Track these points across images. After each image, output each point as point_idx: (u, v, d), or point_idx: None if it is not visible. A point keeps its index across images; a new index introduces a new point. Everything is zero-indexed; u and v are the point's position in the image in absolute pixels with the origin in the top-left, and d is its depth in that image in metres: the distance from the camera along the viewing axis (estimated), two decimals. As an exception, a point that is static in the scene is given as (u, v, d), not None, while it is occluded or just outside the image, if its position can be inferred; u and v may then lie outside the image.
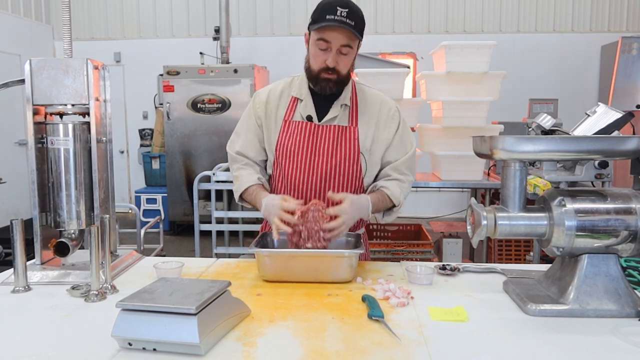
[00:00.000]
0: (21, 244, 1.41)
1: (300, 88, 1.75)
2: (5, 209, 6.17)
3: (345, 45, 1.60)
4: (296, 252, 1.51)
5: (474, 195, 4.28)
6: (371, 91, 1.80)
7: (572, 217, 1.24)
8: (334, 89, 1.68)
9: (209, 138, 6.06)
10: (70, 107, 1.56)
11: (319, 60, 1.64)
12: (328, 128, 1.72)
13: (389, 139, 1.75)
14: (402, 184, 1.75)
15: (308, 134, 1.72)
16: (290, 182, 1.74)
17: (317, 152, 1.71)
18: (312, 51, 1.65)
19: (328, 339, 1.11)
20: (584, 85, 6.85)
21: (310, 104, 1.73)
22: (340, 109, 1.72)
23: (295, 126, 1.73)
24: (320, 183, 1.72)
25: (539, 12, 6.91)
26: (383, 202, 1.71)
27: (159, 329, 1.03)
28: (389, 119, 1.76)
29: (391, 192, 1.71)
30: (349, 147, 1.71)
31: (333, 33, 1.57)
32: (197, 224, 3.75)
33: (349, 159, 1.71)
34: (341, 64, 1.64)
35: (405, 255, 3.81)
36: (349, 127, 1.72)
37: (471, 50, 3.83)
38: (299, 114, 1.74)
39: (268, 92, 1.80)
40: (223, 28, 6.30)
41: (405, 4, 7.02)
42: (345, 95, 1.73)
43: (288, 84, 1.79)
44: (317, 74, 1.66)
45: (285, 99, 1.77)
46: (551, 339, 1.12)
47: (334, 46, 1.60)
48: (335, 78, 1.65)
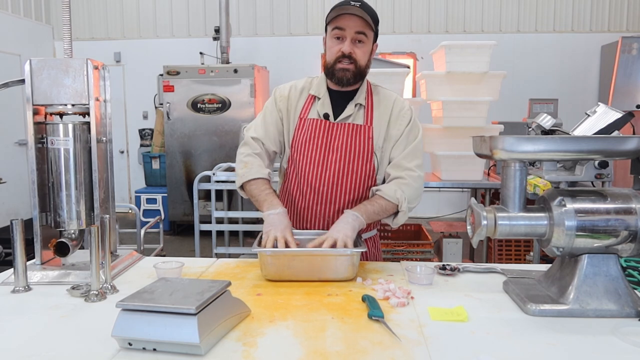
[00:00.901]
0: (21, 244, 1.41)
1: (319, 87, 1.78)
2: (5, 209, 6.16)
3: (360, 32, 1.64)
4: (298, 252, 1.52)
5: (474, 195, 4.28)
6: (385, 91, 1.82)
7: (572, 217, 1.24)
8: (351, 80, 1.70)
9: (209, 138, 6.06)
10: (70, 107, 1.56)
11: (334, 49, 1.68)
12: (343, 126, 1.73)
13: (398, 135, 1.75)
14: (401, 181, 1.70)
15: (323, 132, 1.73)
16: (303, 178, 1.75)
17: (331, 150, 1.72)
18: (328, 44, 1.70)
19: (328, 339, 1.11)
20: (584, 85, 6.85)
21: (328, 102, 1.75)
22: (355, 108, 1.74)
23: (310, 123, 1.75)
24: (333, 180, 1.73)
25: (539, 12, 6.91)
26: (377, 205, 1.67)
27: (159, 329, 1.03)
28: (400, 117, 1.76)
29: (384, 192, 1.68)
30: (363, 145, 1.72)
31: (346, 21, 1.63)
32: (197, 224, 3.75)
33: (362, 157, 1.72)
34: (358, 53, 1.67)
35: (405, 255, 3.81)
36: (364, 126, 1.73)
37: (471, 50, 3.83)
38: (316, 112, 1.76)
39: (290, 87, 1.82)
40: (223, 28, 6.30)
41: (405, 4, 7.02)
42: (360, 95, 1.75)
43: (308, 82, 1.82)
44: (333, 64, 1.68)
45: (305, 96, 1.80)
46: (551, 339, 1.12)
47: (348, 34, 1.64)
48: (352, 68, 1.67)
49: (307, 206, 1.77)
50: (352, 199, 1.74)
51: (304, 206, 1.77)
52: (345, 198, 1.74)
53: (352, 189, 1.73)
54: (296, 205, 1.78)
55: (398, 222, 1.73)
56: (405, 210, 1.69)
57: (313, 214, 1.77)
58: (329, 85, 1.77)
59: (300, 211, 1.78)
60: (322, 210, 1.75)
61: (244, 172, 1.74)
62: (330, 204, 1.74)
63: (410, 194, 1.70)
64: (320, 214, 1.76)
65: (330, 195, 1.73)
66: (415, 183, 1.72)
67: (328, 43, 1.70)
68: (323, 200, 1.75)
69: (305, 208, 1.77)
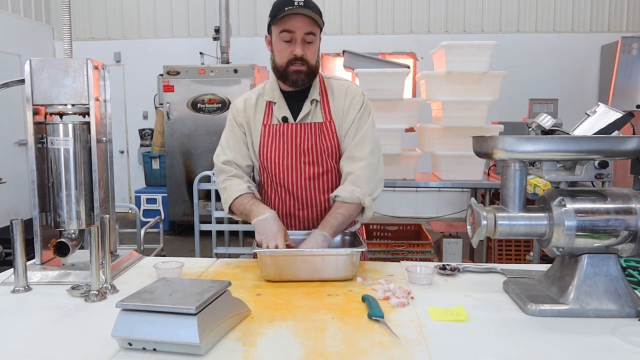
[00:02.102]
0: (21, 244, 1.41)
1: (272, 91, 1.75)
2: (5, 209, 6.16)
3: (309, 33, 1.61)
4: (298, 252, 1.52)
5: (474, 195, 4.28)
6: (338, 82, 1.79)
7: (572, 217, 1.24)
8: (305, 81, 1.68)
9: (209, 138, 6.06)
10: (70, 107, 1.56)
11: (285, 53, 1.64)
12: (304, 126, 1.71)
13: (349, 123, 1.72)
14: (354, 177, 1.66)
15: (288, 136, 1.71)
16: (279, 185, 1.74)
17: (300, 152, 1.71)
18: (277, 47, 1.66)
19: (328, 339, 1.11)
20: (584, 85, 6.85)
21: (284, 104, 1.73)
22: (312, 105, 1.72)
23: (274, 129, 1.72)
24: (310, 182, 1.72)
25: (539, 12, 6.91)
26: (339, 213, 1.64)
27: (159, 329, 1.03)
28: (353, 105, 1.73)
29: (342, 197, 1.65)
30: (329, 142, 1.71)
31: (295, 22, 1.59)
32: (197, 224, 3.75)
33: (331, 154, 1.71)
34: (308, 54, 1.64)
35: (405, 255, 3.81)
36: (325, 122, 1.72)
37: (471, 50, 3.83)
38: (276, 117, 1.73)
39: (244, 100, 1.79)
40: (223, 28, 6.30)
41: (405, 4, 7.02)
42: (314, 91, 1.73)
43: (261, 89, 1.79)
44: (285, 68, 1.65)
45: (261, 104, 1.76)
46: (551, 339, 1.12)
47: (298, 35, 1.61)
48: (305, 69, 1.65)
49: (289, 212, 1.76)
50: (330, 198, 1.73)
51: (286, 212, 1.76)
52: (323, 198, 1.73)
53: (327, 188, 1.73)
54: (279, 212, 1.74)
55: (367, 217, 1.72)
56: (369, 204, 1.68)
57: (297, 219, 1.77)
58: (282, 87, 1.74)
59: (284, 217, 1.76)
60: (304, 214, 1.76)
61: (225, 197, 1.73)
62: (310, 207, 1.75)
63: (367, 186, 1.67)
64: (304, 218, 1.76)
65: (308, 198, 1.73)
66: (369, 172, 1.68)
67: (276, 45, 1.65)
68: (302, 204, 1.74)
69: (288, 214, 1.76)
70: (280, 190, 1.75)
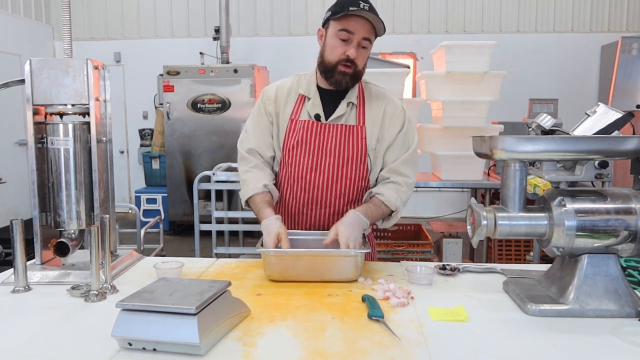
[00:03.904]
0: (21, 244, 1.41)
1: (308, 86, 1.73)
2: (5, 209, 6.16)
3: (366, 39, 1.61)
4: (302, 252, 1.53)
5: (474, 195, 4.28)
6: (377, 89, 1.78)
7: (572, 217, 1.24)
8: (349, 84, 1.66)
9: (209, 138, 6.06)
10: (70, 107, 1.56)
11: (338, 51, 1.62)
12: (335, 127, 1.70)
13: (392, 137, 1.72)
14: (399, 187, 1.70)
15: (315, 133, 1.69)
16: (295, 182, 1.72)
17: (324, 153, 1.69)
18: (331, 43, 1.63)
19: (328, 339, 1.11)
20: (584, 85, 6.85)
21: (318, 102, 1.71)
22: (347, 107, 1.70)
23: (301, 125, 1.70)
24: (327, 183, 1.70)
25: (539, 12, 6.91)
26: (378, 210, 1.66)
27: (159, 329, 1.03)
28: (394, 117, 1.73)
29: (386, 198, 1.66)
30: (356, 146, 1.69)
31: (356, 24, 1.58)
32: (197, 224, 3.75)
33: (355, 158, 1.69)
34: (360, 58, 1.63)
35: (405, 255, 3.81)
36: (357, 127, 1.70)
37: (471, 50, 3.83)
38: (307, 113, 1.71)
39: (276, 88, 1.77)
40: (223, 28, 6.30)
41: (405, 4, 7.02)
42: (352, 94, 1.71)
43: (296, 81, 1.77)
44: (334, 66, 1.63)
45: (293, 96, 1.74)
46: (551, 339, 1.12)
47: (355, 38, 1.59)
48: (351, 72, 1.64)
49: (300, 210, 1.75)
50: (346, 201, 1.72)
51: (297, 210, 1.75)
52: (339, 201, 1.72)
53: (346, 191, 1.71)
54: (289, 209, 1.75)
55: (388, 225, 1.74)
56: (395, 218, 1.71)
57: (306, 217, 1.75)
58: (319, 83, 1.73)
59: (293, 215, 1.76)
60: (316, 214, 1.74)
61: (243, 192, 1.73)
62: (324, 207, 1.73)
63: (404, 200, 1.71)
64: (314, 217, 1.75)
65: (323, 198, 1.72)
66: (410, 190, 1.73)
67: (331, 41, 1.63)
68: (316, 204, 1.73)
69: (299, 212, 1.75)
70: (295, 186, 1.73)
